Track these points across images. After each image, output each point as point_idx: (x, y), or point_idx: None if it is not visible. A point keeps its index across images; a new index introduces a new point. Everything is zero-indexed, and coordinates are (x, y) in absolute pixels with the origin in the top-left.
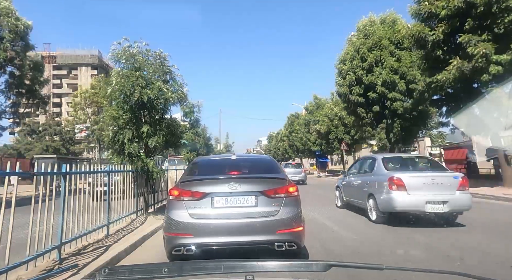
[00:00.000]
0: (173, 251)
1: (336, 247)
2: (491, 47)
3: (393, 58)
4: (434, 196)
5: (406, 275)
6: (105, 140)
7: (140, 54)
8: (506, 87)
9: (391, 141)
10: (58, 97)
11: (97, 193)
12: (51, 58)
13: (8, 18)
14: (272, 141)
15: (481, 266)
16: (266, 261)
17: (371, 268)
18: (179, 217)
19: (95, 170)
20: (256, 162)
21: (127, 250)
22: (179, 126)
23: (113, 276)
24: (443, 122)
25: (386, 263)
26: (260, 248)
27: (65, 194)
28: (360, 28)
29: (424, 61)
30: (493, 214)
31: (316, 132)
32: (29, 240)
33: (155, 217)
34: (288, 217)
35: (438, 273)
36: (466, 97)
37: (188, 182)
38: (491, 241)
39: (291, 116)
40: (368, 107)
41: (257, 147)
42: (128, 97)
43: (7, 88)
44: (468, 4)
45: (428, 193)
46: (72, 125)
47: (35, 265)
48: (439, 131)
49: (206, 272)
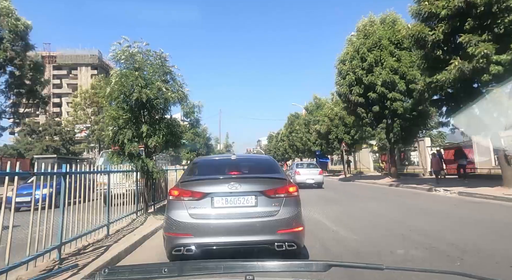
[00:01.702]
0: (173, 251)
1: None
2: (491, 47)
3: (393, 58)
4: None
5: (406, 275)
6: (105, 140)
7: (140, 54)
8: (506, 87)
9: (391, 141)
10: (58, 97)
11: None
12: (51, 58)
13: (8, 18)
14: (272, 141)
15: (481, 266)
16: (266, 261)
17: (371, 268)
18: (179, 217)
19: (95, 170)
20: (256, 162)
21: (127, 250)
22: (179, 126)
23: (113, 276)
24: (443, 122)
25: (386, 263)
26: (260, 248)
27: (65, 194)
28: (360, 28)
29: (424, 61)
30: (485, 212)
31: (316, 132)
32: (29, 240)
33: (155, 217)
34: (288, 217)
35: (438, 273)
36: (466, 97)
37: (188, 182)
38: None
39: (291, 116)
40: (368, 107)
41: (257, 147)
42: (127, 97)
43: (7, 88)
44: (469, 4)
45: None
46: (72, 125)
47: (35, 265)
48: (439, 131)
49: (206, 272)
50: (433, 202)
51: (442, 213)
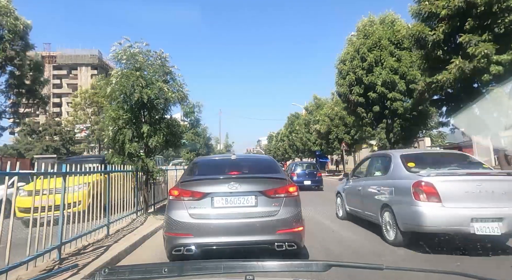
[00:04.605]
0: (173, 251)
1: None
2: (491, 47)
3: (393, 58)
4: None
5: (406, 275)
6: (105, 140)
7: (140, 54)
8: (506, 87)
9: (391, 141)
10: (58, 97)
11: None
12: (51, 58)
13: (7, 18)
14: (272, 141)
15: (481, 266)
16: (266, 261)
17: (371, 268)
18: (179, 217)
19: (95, 170)
20: (256, 162)
21: (127, 250)
22: (179, 126)
23: (113, 276)
24: (443, 122)
25: (386, 263)
26: (260, 248)
27: (65, 193)
28: (360, 28)
29: (424, 61)
30: None
31: (316, 132)
32: (29, 240)
33: (155, 217)
34: (288, 217)
35: (438, 273)
36: (466, 97)
37: (188, 182)
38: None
39: (291, 116)
40: (368, 107)
41: (257, 147)
42: (128, 97)
43: (7, 88)
44: (469, 4)
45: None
46: (72, 125)
47: (35, 265)
48: (439, 131)
49: (206, 272)
50: None
51: None
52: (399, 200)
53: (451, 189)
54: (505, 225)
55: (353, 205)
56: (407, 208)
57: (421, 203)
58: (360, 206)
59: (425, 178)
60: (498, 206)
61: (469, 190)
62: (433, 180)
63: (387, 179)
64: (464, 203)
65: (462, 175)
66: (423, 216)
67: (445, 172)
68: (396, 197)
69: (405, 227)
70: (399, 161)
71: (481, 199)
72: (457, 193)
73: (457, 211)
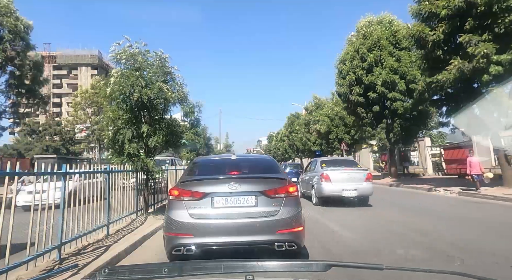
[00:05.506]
0: (173, 251)
1: None
2: (491, 47)
3: (392, 58)
4: (348, 185)
5: (406, 275)
6: (105, 141)
7: (140, 55)
8: (506, 87)
9: (391, 141)
10: (58, 97)
11: None
12: (51, 58)
13: (8, 18)
14: (272, 141)
15: (481, 266)
16: (266, 261)
17: (371, 268)
18: (179, 217)
19: (95, 170)
20: (256, 162)
21: (127, 250)
22: (179, 126)
23: (113, 276)
24: (443, 122)
25: (386, 263)
26: (260, 248)
27: (65, 193)
28: (360, 28)
29: (424, 61)
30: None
31: (316, 132)
32: (29, 240)
33: (155, 217)
34: (288, 217)
35: (438, 273)
36: (466, 97)
37: (188, 182)
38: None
39: (291, 116)
40: (368, 107)
41: (257, 147)
42: (128, 97)
43: (7, 88)
44: (469, 4)
45: (344, 183)
46: (72, 125)
47: (35, 265)
48: (439, 131)
49: (206, 272)
50: (433, 202)
51: (442, 213)
52: (317, 182)
53: (336, 176)
54: (358, 192)
55: (303, 188)
56: (319, 185)
57: (323, 183)
58: (305, 187)
59: (326, 171)
60: (355, 183)
61: (343, 176)
62: (329, 172)
63: (314, 172)
64: (340, 182)
65: (341, 170)
66: (324, 189)
67: (334, 169)
68: (316, 181)
69: (318, 195)
70: (319, 163)
71: (348, 180)
72: (338, 177)
73: (337, 185)
